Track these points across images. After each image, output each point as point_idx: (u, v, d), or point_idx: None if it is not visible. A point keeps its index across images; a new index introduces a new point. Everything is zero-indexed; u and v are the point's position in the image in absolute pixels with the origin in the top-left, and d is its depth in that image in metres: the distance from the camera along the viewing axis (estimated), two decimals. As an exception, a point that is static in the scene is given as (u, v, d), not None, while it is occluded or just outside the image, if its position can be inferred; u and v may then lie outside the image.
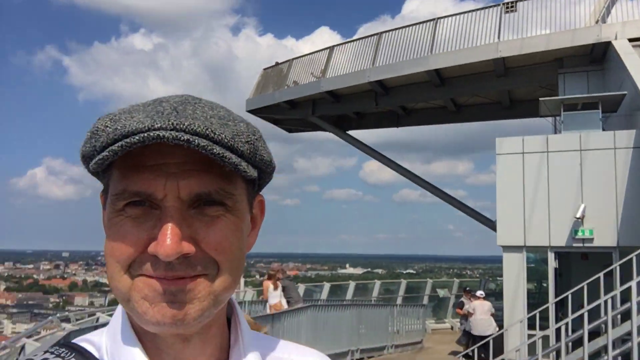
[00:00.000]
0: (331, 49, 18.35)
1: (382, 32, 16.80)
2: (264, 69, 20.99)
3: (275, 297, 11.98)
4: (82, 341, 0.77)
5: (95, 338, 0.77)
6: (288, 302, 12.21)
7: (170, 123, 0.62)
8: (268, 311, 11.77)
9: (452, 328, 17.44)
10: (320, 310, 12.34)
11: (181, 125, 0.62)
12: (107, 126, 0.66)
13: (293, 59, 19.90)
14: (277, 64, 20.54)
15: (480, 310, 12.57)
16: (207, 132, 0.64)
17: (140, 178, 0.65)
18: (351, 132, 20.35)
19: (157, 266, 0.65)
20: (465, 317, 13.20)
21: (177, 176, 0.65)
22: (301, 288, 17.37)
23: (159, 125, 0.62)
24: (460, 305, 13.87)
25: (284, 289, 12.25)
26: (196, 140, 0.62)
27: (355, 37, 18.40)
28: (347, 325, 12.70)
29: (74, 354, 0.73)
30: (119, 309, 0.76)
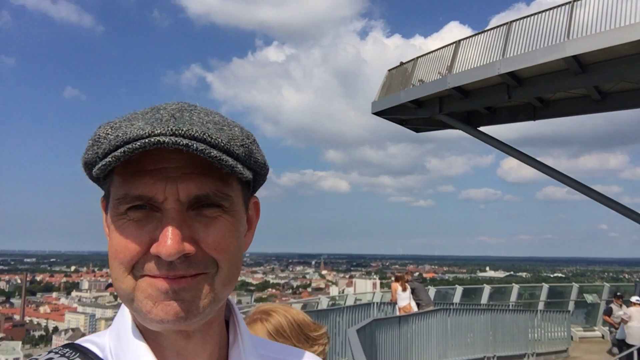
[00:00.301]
0: (457, 43, 17.74)
1: (511, 21, 15.84)
2: (389, 70, 20.95)
3: (405, 299, 11.87)
4: (85, 342, 0.79)
5: (98, 339, 0.80)
6: (418, 305, 12.02)
7: (169, 129, 0.65)
8: (397, 313, 11.72)
9: (602, 337, 15.80)
10: (451, 314, 11.97)
11: (180, 131, 0.66)
12: (108, 133, 0.69)
13: (417, 57, 19.59)
14: (401, 63, 20.39)
15: (637, 317, 11.26)
16: (205, 137, 0.67)
17: (142, 182, 0.68)
18: (483, 129, 19.45)
19: (159, 266, 0.68)
20: (615, 325, 11.92)
21: (176, 180, 0.68)
22: (432, 291, 17.02)
23: (158, 131, 0.65)
24: (608, 311, 12.58)
25: (413, 291, 12.09)
26: (194, 145, 0.65)
27: (484, 29, 17.55)
28: (481, 331, 12.18)
29: (78, 354, 0.75)
30: (122, 311, 0.79)
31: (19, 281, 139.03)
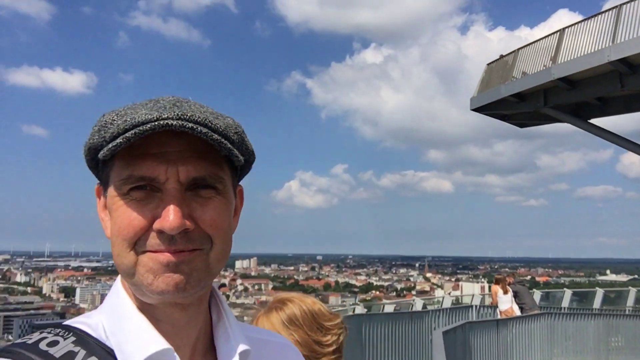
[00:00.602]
0: (561, 31, 16.67)
1: (621, 4, 14.59)
2: (488, 64, 20.18)
3: (506, 303, 11.41)
4: (76, 323, 0.83)
5: (88, 319, 0.84)
6: (521, 309, 11.50)
7: (175, 114, 0.74)
8: (498, 316, 11.29)
9: None
10: (558, 319, 11.29)
11: (185, 116, 0.74)
12: (115, 120, 0.77)
13: (518, 49, 18.67)
14: (501, 56, 19.55)
15: None
16: (206, 122, 0.76)
17: (145, 165, 0.76)
18: (595, 121, 18.06)
19: (161, 241, 0.75)
20: None
21: (177, 162, 0.76)
22: (537, 294, 16.11)
23: (166, 115, 0.73)
24: None
25: (515, 294, 11.58)
26: (198, 128, 0.74)
27: (591, 15, 16.33)
28: (593, 337, 11.33)
29: (71, 334, 0.80)
30: (115, 291, 0.85)
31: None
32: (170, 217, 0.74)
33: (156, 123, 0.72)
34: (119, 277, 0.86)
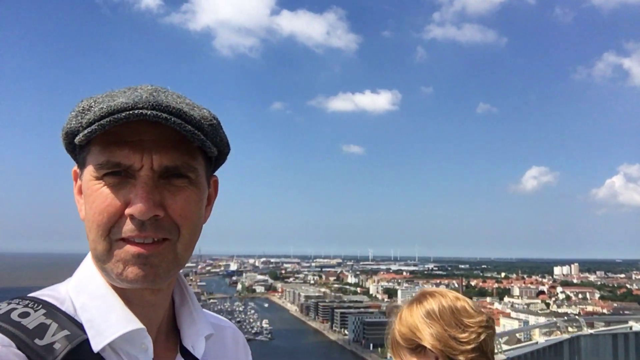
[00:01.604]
0: None
1: None
2: None
3: None
4: (42, 295, 0.85)
5: (54, 293, 0.86)
6: None
7: (150, 103, 0.77)
8: None
9: None
10: None
11: (159, 106, 0.77)
12: (92, 106, 0.81)
13: None
14: None
15: None
16: (181, 113, 0.80)
17: (122, 152, 0.80)
18: None
19: (132, 226, 0.80)
20: None
21: (151, 151, 0.80)
22: None
23: (141, 105, 0.77)
24: None
25: None
26: (172, 119, 0.77)
27: None
28: None
29: (41, 306, 0.81)
30: (86, 268, 0.89)
31: (456, 285, 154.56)
32: (142, 203, 0.78)
33: (131, 112, 0.75)
34: (88, 255, 0.89)
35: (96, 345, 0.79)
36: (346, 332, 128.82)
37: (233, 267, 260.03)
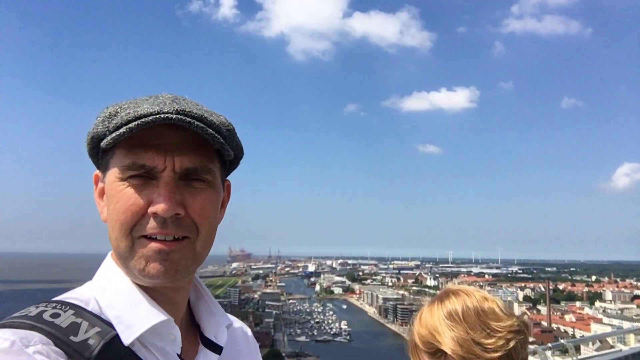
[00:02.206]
0: None
1: None
2: None
3: None
4: (67, 298, 0.89)
5: (79, 295, 0.90)
6: None
7: (174, 109, 0.84)
8: None
9: None
10: None
11: (183, 111, 0.85)
12: (118, 112, 0.88)
13: None
14: None
15: None
16: (202, 118, 0.87)
17: (147, 154, 0.86)
18: None
19: (155, 224, 0.86)
20: None
21: (174, 153, 0.87)
22: None
23: (166, 110, 0.84)
24: None
25: None
26: (195, 122, 0.84)
27: None
28: None
29: (68, 307, 0.86)
30: (109, 268, 0.94)
31: (542, 289, 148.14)
32: (165, 201, 0.85)
33: (157, 116, 0.82)
34: (109, 255, 0.95)
35: (126, 339, 0.84)
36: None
37: (311, 268, 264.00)
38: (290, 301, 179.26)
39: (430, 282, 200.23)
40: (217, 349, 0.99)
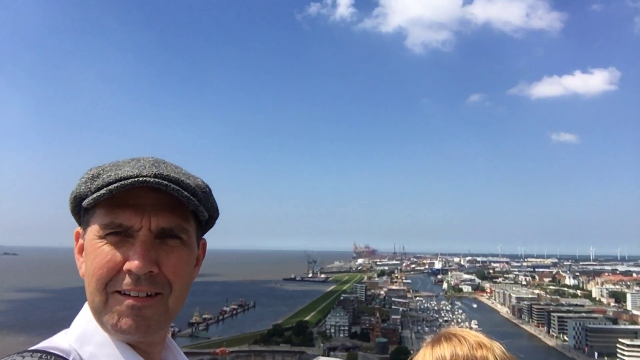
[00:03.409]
0: None
1: None
2: None
3: None
4: (48, 348, 0.93)
5: (58, 345, 0.95)
6: None
7: (152, 172, 0.93)
8: None
9: None
10: None
11: (161, 175, 0.93)
12: (100, 174, 0.96)
13: None
14: None
15: None
16: (179, 181, 0.95)
17: (125, 214, 0.94)
18: None
19: (129, 280, 0.92)
20: None
21: (151, 214, 0.94)
22: None
23: (145, 173, 0.92)
24: None
25: None
26: (172, 186, 0.92)
27: None
28: None
29: (53, 357, 0.90)
30: (85, 318, 0.99)
31: None
32: (139, 259, 0.91)
33: (136, 179, 0.91)
34: (85, 308, 1.01)
35: None
36: (565, 337, 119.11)
37: (437, 265, 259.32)
38: (417, 298, 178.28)
39: (569, 281, 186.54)
40: None
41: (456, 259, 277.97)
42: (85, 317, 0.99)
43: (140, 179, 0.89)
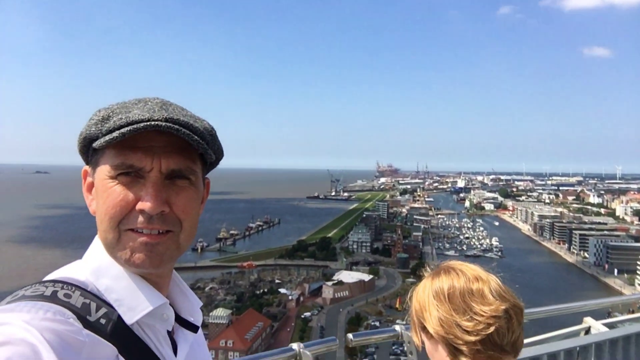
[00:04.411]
0: None
1: None
2: None
3: None
4: (65, 278, 0.97)
5: (75, 277, 0.98)
6: None
7: (163, 116, 0.93)
8: None
9: None
10: None
11: (171, 119, 0.94)
12: (110, 116, 0.97)
13: None
14: None
15: None
16: (188, 125, 0.96)
17: (135, 155, 0.95)
18: None
19: (142, 219, 0.95)
20: None
21: (161, 155, 0.96)
22: None
23: (156, 117, 0.93)
24: None
25: None
26: (182, 130, 0.94)
27: None
28: None
29: (74, 288, 0.94)
30: (97, 251, 1.02)
31: None
32: (152, 200, 0.94)
33: (148, 123, 0.92)
34: (96, 241, 1.04)
35: (129, 320, 0.95)
36: (586, 254, 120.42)
37: (460, 184, 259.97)
38: (439, 216, 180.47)
39: (593, 199, 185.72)
40: (193, 328, 1.10)
41: (479, 178, 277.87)
42: (98, 251, 1.02)
43: (152, 123, 0.91)
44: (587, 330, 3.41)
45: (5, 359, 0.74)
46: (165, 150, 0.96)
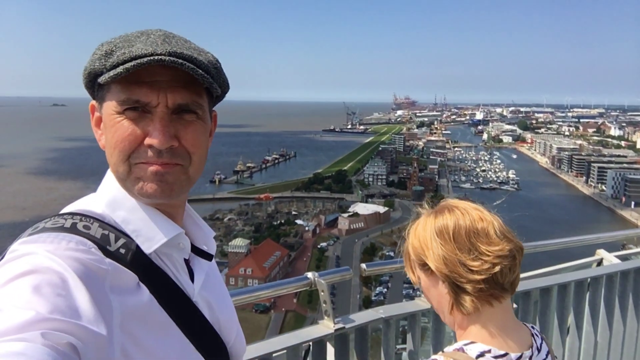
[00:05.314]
0: None
1: None
2: None
3: None
4: (82, 211, 0.99)
5: (93, 208, 1.01)
6: None
7: (167, 50, 0.92)
8: None
9: None
10: None
11: (175, 53, 0.92)
12: (114, 50, 0.95)
13: None
14: None
15: None
16: (192, 59, 0.95)
17: (141, 91, 0.94)
18: None
19: (151, 153, 0.96)
20: None
21: (166, 90, 0.95)
22: None
23: (160, 51, 0.91)
24: None
25: None
26: (186, 64, 0.92)
27: None
28: None
29: (92, 219, 0.97)
30: (111, 185, 1.04)
31: None
32: (160, 135, 0.94)
33: (152, 58, 0.90)
34: (109, 175, 1.05)
35: (147, 250, 0.98)
36: (604, 187, 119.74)
37: (479, 116, 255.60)
38: (456, 149, 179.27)
39: (614, 131, 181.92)
40: (207, 256, 1.13)
41: (498, 110, 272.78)
42: (112, 184, 1.03)
43: (156, 57, 0.90)
44: (600, 262, 3.44)
45: (34, 287, 0.76)
46: (171, 85, 0.95)
